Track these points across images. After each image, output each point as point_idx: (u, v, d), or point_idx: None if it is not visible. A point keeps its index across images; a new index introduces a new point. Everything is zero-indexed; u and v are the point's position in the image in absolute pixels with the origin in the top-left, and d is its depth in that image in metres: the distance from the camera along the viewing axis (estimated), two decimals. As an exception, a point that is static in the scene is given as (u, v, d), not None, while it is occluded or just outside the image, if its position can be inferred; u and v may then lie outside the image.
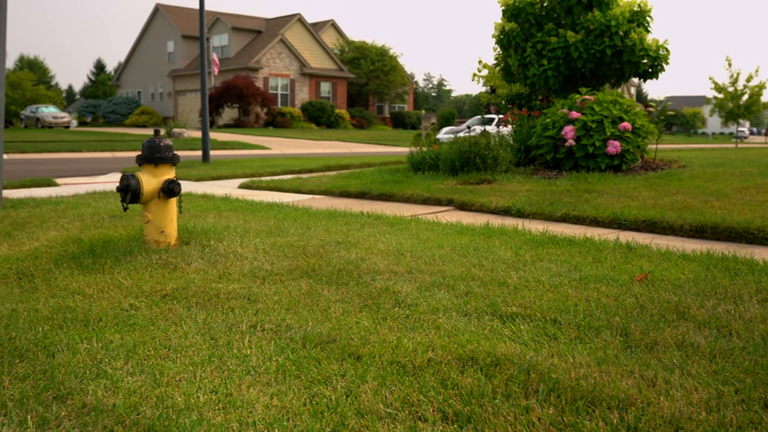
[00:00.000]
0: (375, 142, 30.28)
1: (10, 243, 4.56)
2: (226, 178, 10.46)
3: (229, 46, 46.39)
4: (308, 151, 22.85)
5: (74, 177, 11.30)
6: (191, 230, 4.64)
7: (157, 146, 4.20)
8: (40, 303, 3.05)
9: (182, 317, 2.80)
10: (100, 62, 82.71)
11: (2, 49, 6.40)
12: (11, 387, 2.13)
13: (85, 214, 5.70)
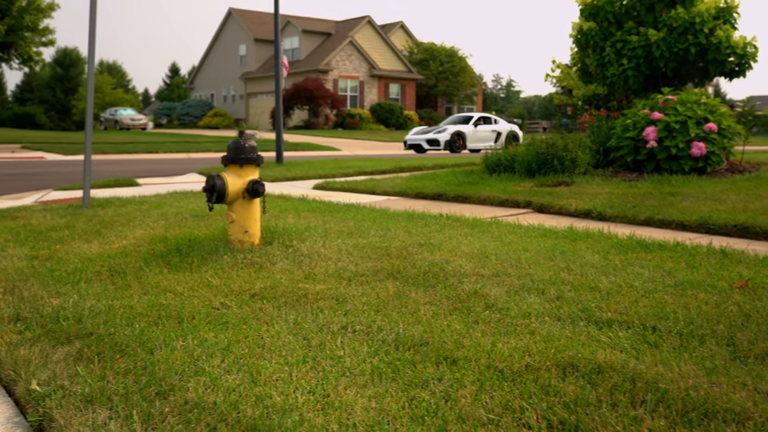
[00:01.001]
0: (444, 144, 30.14)
1: (101, 241, 4.70)
2: (300, 179, 10.57)
3: (300, 48, 47.00)
4: (378, 153, 22.93)
5: (153, 177, 11.61)
6: (273, 230, 4.69)
7: (242, 147, 4.25)
8: (134, 300, 3.12)
9: (273, 317, 2.81)
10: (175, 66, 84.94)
11: (91, 60, 6.62)
12: (115, 382, 2.17)
13: (168, 214, 5.84)
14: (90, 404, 2.04)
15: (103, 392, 2.10)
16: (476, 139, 24.14)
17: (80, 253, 4.28)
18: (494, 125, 25.01)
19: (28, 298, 3.21)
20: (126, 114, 45.16)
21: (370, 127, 42.55)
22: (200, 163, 15.58)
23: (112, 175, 11.62)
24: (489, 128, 24.67)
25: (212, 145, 23.87)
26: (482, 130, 24.41)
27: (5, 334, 2.70)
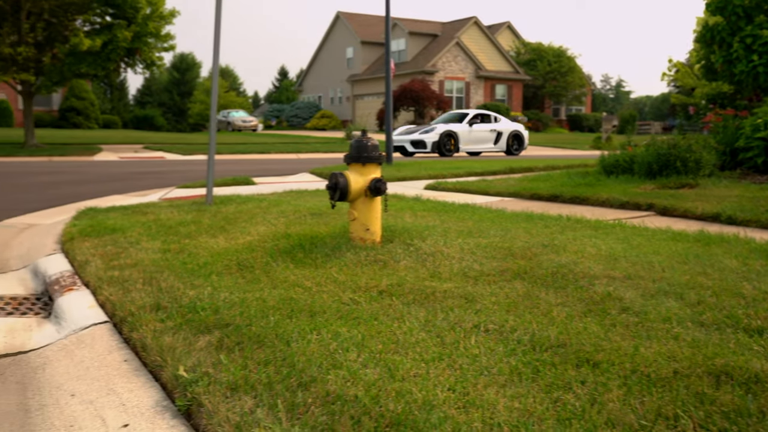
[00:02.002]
0: (552, 145, 29.58)
1: (226, 236, 4.86)
2: (410, 179, 10.60)
3: (406, 50, 47.24)
4: (484, 154, 22.72)
5: (268, 176, 11.93)
6: (392, 229, 4.71)
7: (365, 146, 4.29)
8: (266, 293, 3.20)
9: (403, 314, 2.82)
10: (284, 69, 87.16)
11: (215, 68, 6.86)
12: (257, 371, 2.23)
13: (287, 211, 5.97)
14: (235, 392, 2.10)
15: (247, 381, 2.15)
16: (471, 140, 21.14)
17: (208, 248, 4.43)
18: (493, 124, 21.93)
19: (166, 288, 3.35)
20: (238, 116, 46.73)
21: (476, 129, 42.24)
22: (310, 163, 15.90)
23: (228, 174, 12.02)
24: (487, 127, 21.62)
25: (320, 146, 24.34)
26: (479, 129, 21.37)
27: (149, 322, 2.83)
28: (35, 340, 3.19)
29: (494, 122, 21.96)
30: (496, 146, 21.54)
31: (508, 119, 23.27)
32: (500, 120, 22.22)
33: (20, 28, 19.38)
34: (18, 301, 3.92)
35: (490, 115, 22.14)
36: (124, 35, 19.25)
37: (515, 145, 21.87)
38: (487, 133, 21.40)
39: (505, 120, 22.53)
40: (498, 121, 22.07)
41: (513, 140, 21.87)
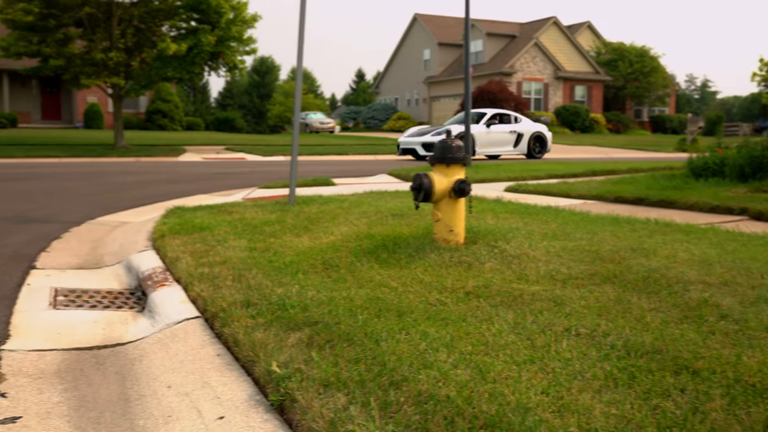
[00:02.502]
0: (634, 147, 28.83)
1: (310, 236, 4.93)
2: (489, 181, 10.52)
3: (484, 51, 46.90)
4: (564, 156, 22.33)
5: (347, 177, 12.05)
6: (475, 230, 4.68)
7: (449, 147, 4.28)
8: (352, 292, 3.23)
9: (491, 315, 2.79)
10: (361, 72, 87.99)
11: (299, 73, 6.97)
12: (348, 369, 2.25)
13: (368, 212, 6.01)
14: (327, 388, 2.12)
15: (339, 378, 2.18)
16: (489, 142, 19.32)
17: (293, 247, 4.51)
18: (513, 125, 20.09)
19: (255, 286, 3.42)
20: (315, 118, 47.38)
21: (554, 131, 41.53)
22: (387, 165, 15.97)
23: (308, 175, 12.19)
24: (506, 129, 19.80)
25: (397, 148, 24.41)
26: (497, 131, 19.57)
27: (240, 318, 2.89)
28: (131, 333, 3.32)
29: (514, 123, 20.24)
30: (516, 149, 19.87)
31: (529, 120, 21.53)
32: (521, 120, 20.57)
33: (111, 35, 20.17)
34: (114, 295, 4.08)
35: (509, 115, 20.51)
36: (208, 39, 19.79)
37: (537, 148, 20.25)
38: (506, 135, 19.69)
39: (527, 120, 20.92)
40: (518, 122, 20.40)
41: (535, 143, 20.16)
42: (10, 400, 2.46)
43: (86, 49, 20.41)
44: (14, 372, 2.74)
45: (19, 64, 25.26)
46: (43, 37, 19.96)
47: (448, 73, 48.04)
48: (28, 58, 20.66)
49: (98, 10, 19.98)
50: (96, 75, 19.93)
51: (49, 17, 19.52)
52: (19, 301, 3.78)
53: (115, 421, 2.34)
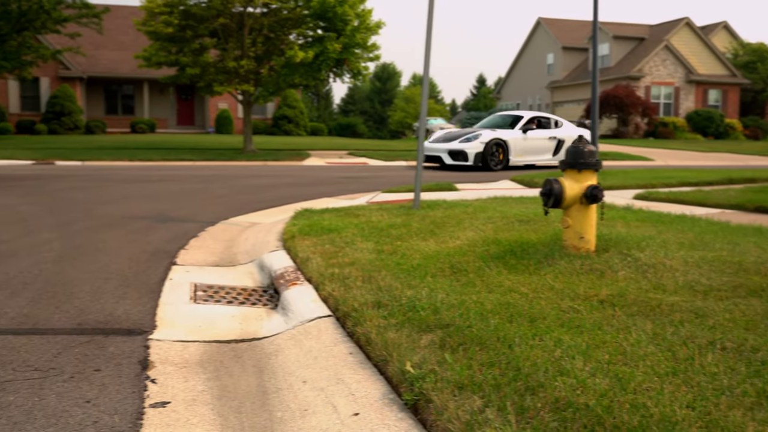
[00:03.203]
0: None
1: (436, 240, 4.95)
2: (617, 188, 10.18)
3: (610, 55, 45.50)
4: (696, 163, 21.28)
5: (469, 183, 11.99)
6: (606, 238, 4.54)
7: (581, 152, 4.19)
8: (482, 296, 3.22)
9: (627, 325, 2.71)
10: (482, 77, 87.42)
11: (426, 78, 7.02)
12: (481, 372, 2.24)
13: (494, 217, 5.96)
14: (462, 390, 2.12)
15: (473, 381, 2.18)
16: (525, 149, 16.69)
17: (420, 250, 4.54)
18: (553, 130, 17.45)
19: (385, 287, 3.47)
20: (436, 123, 47.49)
21: (685, 137, 39.71)
22: (510, 171, 15.77)
23: (429, 179, 12.23)
24: (545, 134, 17.20)
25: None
26: (534, 137, 16.96)
27: (372, 318, 2.95)
28: (266, 329, 3.45)
29: (554, 128, 17.68)
30: (555, 157, 17.10)
31: (571, 124, 18.64)
32: (562, 125, 17.92)
33: (243, 44, 21.05)
34: (248, 292, 4.26)
35: (549, 119, 17.95)
36: (333, 47, 20.26)
37: None
38: (544, 142, 17.09)
39: (568, 125, 18.24)
40: (558, 126, 17.78)
41: None
42: (159, 386, 2.62)
43: (219, 58, 21.39)
44: (162, 360, 2.91)
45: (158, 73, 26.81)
46: (180, 48, 21.09)
47: (571, 78, 46.93)
48: (167, 67, 21.89)
49: (231, 20, 20.91)
50: (228, 82, 20.84)
51: (186, 28, 20.62)
52: (162, 295, 4.01)
53: (254, 411, 2.44)
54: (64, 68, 33.78)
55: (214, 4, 20.38)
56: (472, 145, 15.88)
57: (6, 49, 23.92)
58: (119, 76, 36.44)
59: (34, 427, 2.20)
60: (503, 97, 57.98)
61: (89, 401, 2.42)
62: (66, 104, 32.43)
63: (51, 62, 28.89)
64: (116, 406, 2.40)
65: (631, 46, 46.09)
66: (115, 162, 17.76)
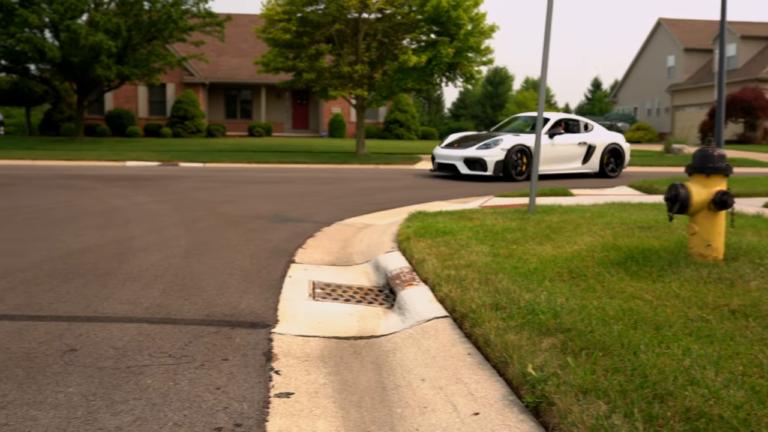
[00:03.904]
0: None
1: (553, 244, 4.86)
2: (744, 195, 9.65)
3: (737, 56, 43.23)
4: None
5: (584, 189, 11.71)
6: (735, 247, 4.33)
7: (710, 156, 4.01)
8: (603, 302, 3.14)
9: (762, 337, 2.58)
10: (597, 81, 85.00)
11: (543, 82, 6.92)
12: (606, 378, 2.20)
13: (612, 223, 5.80)
14: (586, 395, 2.09)
15: (597, 386, 2.13)
16: (552, 157, 14.47)
17: (536, 254, 4.48)
18: (583, 134, 15.18)
19: (502, 290, 3.45)
20: (548, 128, 46.66)
21: (820, 143, 37.17)
22: (627, 177, 15.27)
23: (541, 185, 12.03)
24: (574, 140, 14.89)
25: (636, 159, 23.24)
26: (562, 142, 14.68)
27: (491, 320, 2.94)
28: (383, 327, 3.50)
29: (584, 131, 15.41)
30: (585, 166, 15.12)
31: (602, 128, 16.16)
32: (591, 128, 15.64)
33: (357, 49, 21.44)
34: (364, 291, 4.33)
35: (578, 122, 15.60)
36: (446, 51, 20.29)
37: (611, 165, 15.54)
38: (573, 148, 14.85)
39: (599, 128, 15.85)
40: (589, 130, 15.52)
41: (609, 157, 15.39)
42: (283, 378, 2.71)
43: (334, 63, 21.86)
44: (284, 353, 3.01)
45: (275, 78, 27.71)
46: (297, 53, 21.71)
47: (694, 81, 44.90)
48: (284, 72, 22.57)
49: (347, 26, 21.33)
50: (342, 87, 21.27)
51: (303, 35, 21.21)
52: (283, 291, 4.15)
53: (374, 406, 2.49)
54: (188, 74, 35.45)
55: (330, 11, 20.86)
56: (492, 152, 13.72)
57: (137, 57, 25.36)
58: (239, 82, 37.86)
59: (170, 409, 2.33)
60: (620, 101, 56.23)
61: (219, 388, 2.54)
62: (189, 109, 34.02)
63: (177, 69, 30.36)
64: (244, 393, 2.50)
65: (760, 47, 43.65)
66: (234, 164, 18.47)
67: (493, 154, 13.67)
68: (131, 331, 3.19)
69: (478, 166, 13.78)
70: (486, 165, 13.64)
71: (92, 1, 25.35)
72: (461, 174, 14.01)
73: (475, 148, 13.97)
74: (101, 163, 18.00)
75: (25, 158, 18.65)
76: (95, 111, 34.78)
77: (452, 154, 14.37)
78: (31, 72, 27.11)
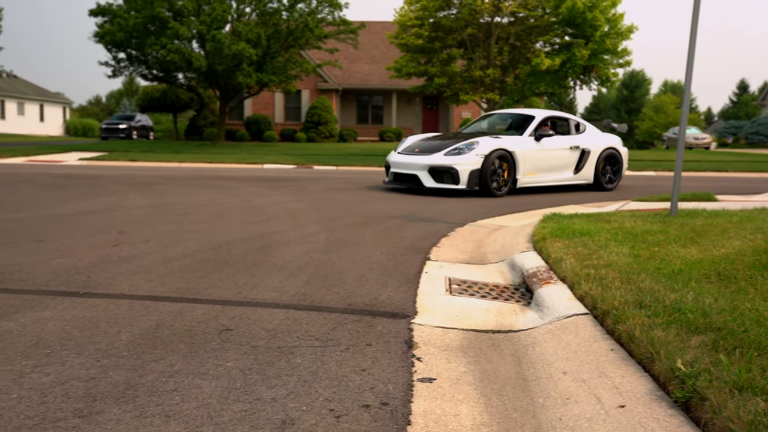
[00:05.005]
0: None
1: (697, 248, 4.68)
2: None
3: None
4: None
5: (729, 194, 11.15)
6: None
7: None
8: (756, 304, 3.02)
9: None
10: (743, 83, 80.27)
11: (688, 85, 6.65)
12: (763, 377, 2.11)
13: (764, 228, 5.50)
14: (741, 392, 2.02)
15: (753, 384, 2.06)
16: (539, 165, 11.40)
17: (680, 257, 4.33)
18: (574, 137, 12.13)
19: (645, 289, 3.37)
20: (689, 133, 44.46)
21: None
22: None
23: (685, 190, 11.53)
24: (565, 143, 11.85)
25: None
26: (552, 146, 11.61)
27: (635, 317, 2.88)
28: (521, 323, 3.50)
29: (575, 132, 12.33)
30: (578, 175, 12.05)
31: (595, 128, 12.89)
32: (584, 129, 12.48)
33: (489, 53, 21.39)
34: (500, 288, 4.34)
35: (567, 121, 12.44)
36: (581, 53, 19.87)
37: (608, 174, 12.47)
38: (565, 154, 11.81)
39: (592, 129, 12.65)
40: (581, 131, 12.41)
41: (605, 165, 12.34)
42: (425, 364, 2.78)
43: (465, 68, 21.92)
44: (424, 342, 3.09)
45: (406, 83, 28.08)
46: (429, 58, 21.94)
47: None
48: (416, 77, 22.85)
49: (479, 30, 21.34)
50: (473, 91, 21.29)
51: (435, 40, 21.41)
52: (420, 285, 4.23)
53: (516, 395, 2.51)
54: (322, 81, 36.57)
55: (462, 16, 20.93)
56: (466, 159, 10.52)
57: (275, 65, 26.46)
58: (370, 88, 38.63)
59: (320, 386, 2.46)
60: (769, 104, 52.80)
61: (364, 370, 2.65)
62: (323, 114, 35.08)
63: (312, 76, 31.46)
64: (389, 376, 2.59)
65: None
66: (366, 167, 18.88)
67: (466, 161, 10.50)
68: (279, 315, 3.37)
69: (447, 178, 10.61)
70: (458, 176, 10.47)
71: (235, 12, 26.69)
72: (426, 186, 10.78)
73: (443, 153, 10.75)
74: (241, 165, 18.92)
75: (173, 161, 19.89)
76: (235, 117, 36.55)
77: (413, 162, 11.04)
78: (178, 81, 28.88)
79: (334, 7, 26.14)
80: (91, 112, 75.27)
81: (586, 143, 12.09)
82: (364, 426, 2.16)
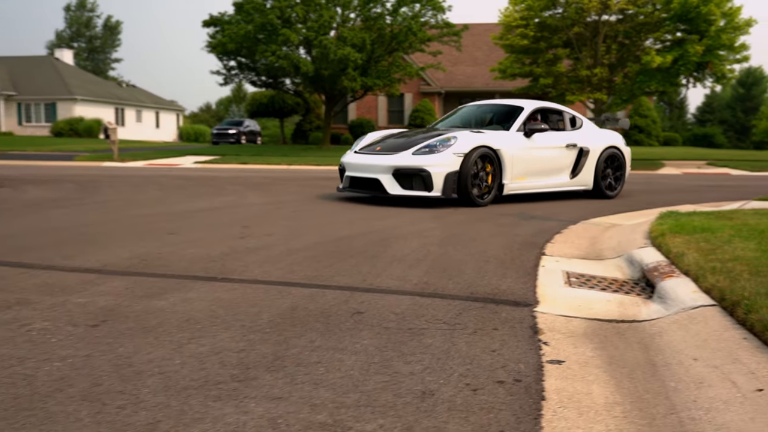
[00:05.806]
0: None
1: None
2: None
3: None
4: None
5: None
6: None
7: None
8: None
9: None
10: None
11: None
12: None
13: None
14: None
15: None
16: (530, 167, 9.22)
17: (811, 252, 4.19)
18: (570, 133, 9.90)
19: (777, 281, 3.30)
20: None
21: None
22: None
23: None
24: (560, 141, 9.63)
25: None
26: (544, 144, 9.41)
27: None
28: (645, 314, 3.50)
29: (570, 128, 10.13)
30: (575, 176, 9.81)
31: (592, 123, 10.61)
32: (580, 123, 10.29)
33: (596, 52, 20.96)
34: (619, 283, 4.33)
35: (561, 114, 10.21)
36: (695, 50, 19.17)
37: (608, 179, 10.24)
38: (560, 153, 9.61)
39: (588, 125, 10.40)
40: (577, 126, 10.22)
41: (605, 167, 10.14)
42: (552, 348, 2.85)
43: (572, 68, 21.56)
44: (549, 328, 3.15)
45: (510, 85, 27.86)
46: (534, 59, 21.72)
47: None
48: (520, 78, 22.67)
49: (586, 29, 20.95)
50: (580, 91, 20.91)
51: (540, 40, 21.17)
52: (539, 278, 4.28)
53: (646, 379, 2.54)
54: (425, 84, 36.81)
55: (568, 14, 20.62)
56: (440, 158, 8.34)
57: (379, 69, 26.86)
58: (473, 90, 38.57)
59: (454, 363, 2.58)
60: None
61: (494, 351, 2.74)
62: (425, 117, 35.29)
63: (415, 79, 31.68)
64: (518, 357, 2.68)
65: None
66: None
67: (441, 161, 8.33)
68: (406, 301, 3.51)
69: (417, 182, 8.41)
70: (430, 180, 8.29)
71: (340, 18, 27.28)
72: (389, 193, 8.51)
73: (412, 152, 8.53)
74: (348, 167, 19.31)
75: (281, 163, 20.55)
76: (340, 120, 37.31)
77: (373, 163, 8.77)
78: (285, 86, 29.78)
79: (437, 10, 26.29)
80: (201, 119, 78.64)
81: (584, 141, 9.93)
82: (500, 399, 2.26)
